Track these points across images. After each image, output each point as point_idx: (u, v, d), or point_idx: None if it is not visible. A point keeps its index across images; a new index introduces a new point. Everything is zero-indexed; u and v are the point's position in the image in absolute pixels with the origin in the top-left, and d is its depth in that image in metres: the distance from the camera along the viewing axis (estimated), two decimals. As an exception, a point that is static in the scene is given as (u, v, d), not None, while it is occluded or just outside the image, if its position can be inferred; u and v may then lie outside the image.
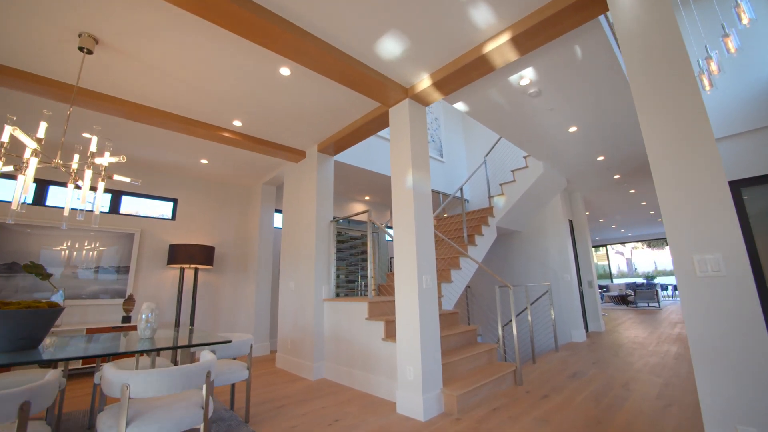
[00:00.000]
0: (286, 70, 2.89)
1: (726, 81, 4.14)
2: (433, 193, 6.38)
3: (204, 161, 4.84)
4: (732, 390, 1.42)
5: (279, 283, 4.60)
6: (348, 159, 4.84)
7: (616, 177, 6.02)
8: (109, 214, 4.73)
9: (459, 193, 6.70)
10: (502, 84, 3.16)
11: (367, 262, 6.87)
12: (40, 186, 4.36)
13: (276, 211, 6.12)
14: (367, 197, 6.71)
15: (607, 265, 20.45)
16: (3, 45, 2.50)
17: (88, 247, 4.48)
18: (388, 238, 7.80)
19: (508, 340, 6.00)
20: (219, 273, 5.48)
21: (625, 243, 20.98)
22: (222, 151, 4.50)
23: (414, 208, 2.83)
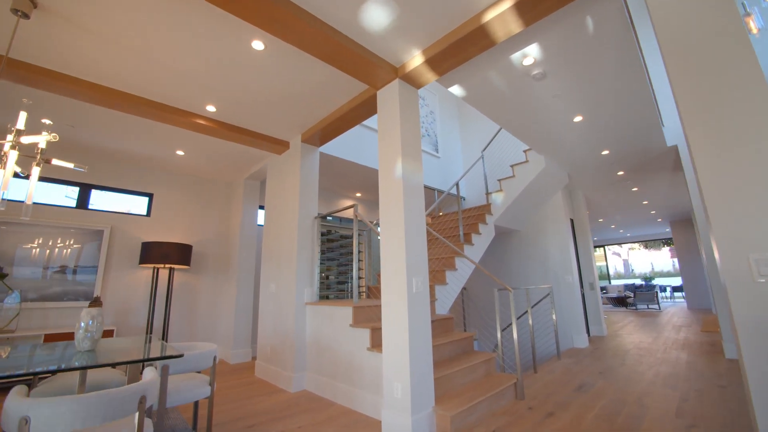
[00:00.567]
0: (259, 44, 2.54)
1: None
2: (428, 189, 6.05)
3: (180, 153, 4.47)
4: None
5: (260, 285, 4.25)
6: (338, 152, 4.49)
7: (620, 173, 5.73)
8: (76, 209, 4.34)
9: (455, 190, 6.37)
10: (503, 64, 2.83)
11: (359, 263, 6.53)
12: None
13: (260, 207, 5.75)
14: (358, 194, 6.37)
15: (605, 266, 20.24)
16: None
17: (53, 245, 4.10)
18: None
19: (506, 346, 5.68)
20: (198, 274, 5.11)
21: (622, 244, 20.81)
22: (198, 141, 4.13)
23: (403, 201, 2.49)
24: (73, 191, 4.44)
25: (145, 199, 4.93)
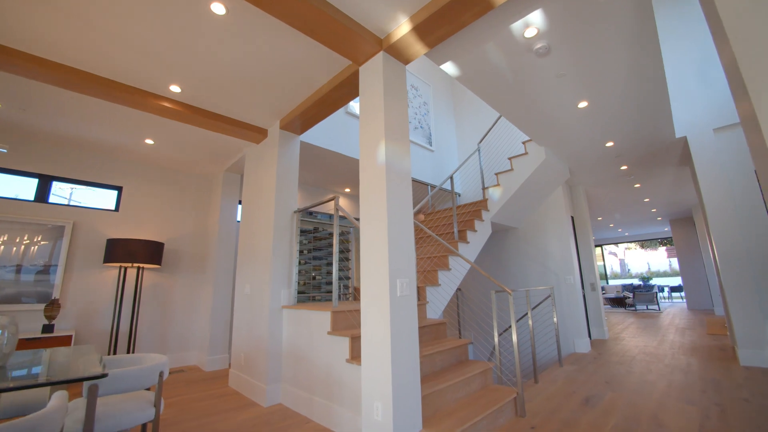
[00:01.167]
0: (219, 7, 2.18)
1: None
2: (421, 184, 5.71)
3: (149, 141, 4.09)
4: None
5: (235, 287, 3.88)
6: (325, 143, 4.13)
7: (623, 168, 5.42)
8: (34, 202, 3.95)
9: (448, 184, 6.04)
10: (502, 36, 2.49)
11: (347, 261, 6.17)
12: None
13: (240, 202, 5.38)
14: (347, 189, 6.01)
15: (602, 265, 20.06)
16: None
17: (8, 242, 3.70)
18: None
19: (504, 350, 5.36)
20: (171, 274, 4.73)
21: (618, 243, 20.60)
22: (168, 128, 3.76)
23: (387, 190, 2.14)
24: (31, 183, 4.05)
25: (114, 192, 4.54)
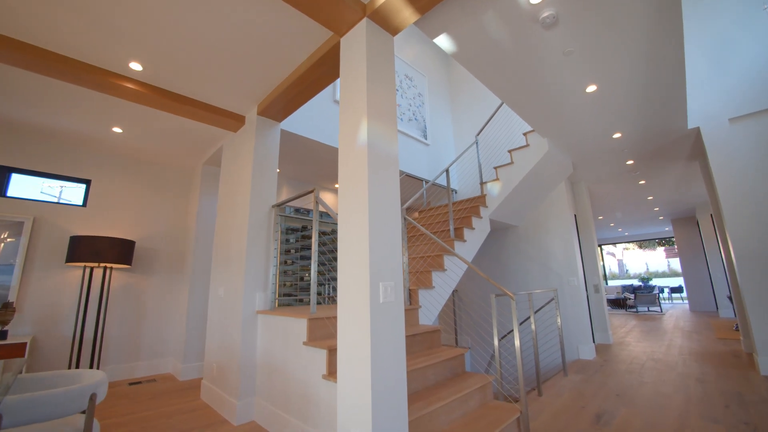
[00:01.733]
0: (171, -40, 1.84)
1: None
2: (415, 179, 5.38)
3: (117, 130, 3.74)
4: None
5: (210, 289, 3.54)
6: (311, 133, 3.80)
7: (630, 162, 5.12)
8: (-10, 197, 3.59)
9: (444, 179, 5.71)
10: (504, 1, 2.16)
11: (335, 262, 5.84)
12: None
13: (224, 199, 5.03)
14: (337, 185, 5.67)
15: (602, 266, 19.83)
16: None
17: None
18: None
19: (504, 358, 5.04)
20: (145, 275, 4.37)
21: (616, 243, 20.38)
22: (135, 115, 3.41)
23: (368, 178, 1.80)
24: None
25: (82, 186, 4.18)
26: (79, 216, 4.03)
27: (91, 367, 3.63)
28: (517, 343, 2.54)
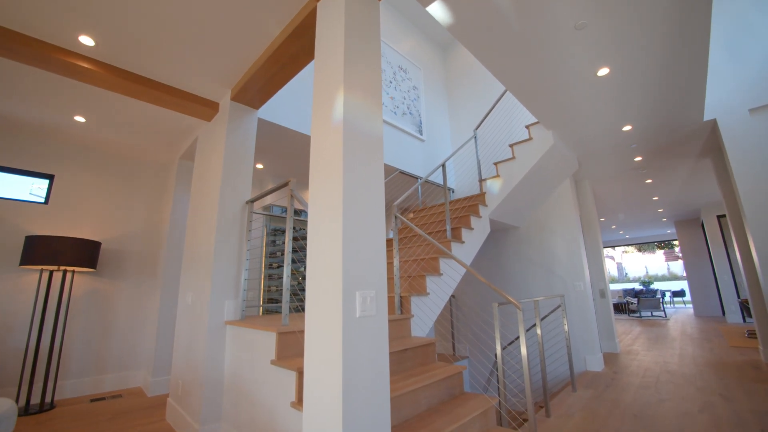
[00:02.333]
0: None
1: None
2: (410, 177, 5.04)
3: (79, 119, 3.39)
4: None
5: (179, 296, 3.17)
6: (298, 125, 3.46)
7: (638, 159, 4.80)
8: (-64, 193, 3.22)
9: (440, 175, 5.38)
10: (508, -43, 1.84)
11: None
12: None
13: (203, 197, 4.67)
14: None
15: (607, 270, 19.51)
16: None
17: None
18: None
19: (505, 369, 4.68)
20: (113, 279, 3.99)
21: (615, 246, 20.11)
22: (97, 101, 3.06)
23: (343, 161, 1.46)
24: (-67, 169, 3.31)
25: (45, 182, 3.81)
26: (40, 214, 3.66)
27: (46, 382, 3.24)
28: (525, 362, 2.19)
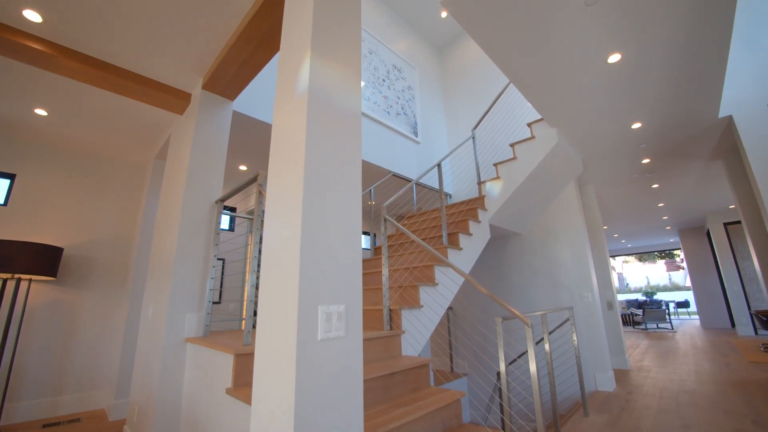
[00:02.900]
0: None
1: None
2: (403, 180, 4.74)
3: (40, 112, 3.09)
4: None
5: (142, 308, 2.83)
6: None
7: (646, 161, 4.53)
8: None
9: (436, 178, 5.09)
10: None
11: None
12: None
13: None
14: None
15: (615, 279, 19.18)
16: None
17: None
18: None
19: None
20: (77, 289, 3.64)
21: (616, 256, 19.82)
22: (57, 91, 2.77)
23: (305, 137, 1.15)
24: None
25: (5, 181, 3.49)
26: (-3, 217, 3.33)
27: (-8, 406, 2.87)
28: (535, 383, 1.86)
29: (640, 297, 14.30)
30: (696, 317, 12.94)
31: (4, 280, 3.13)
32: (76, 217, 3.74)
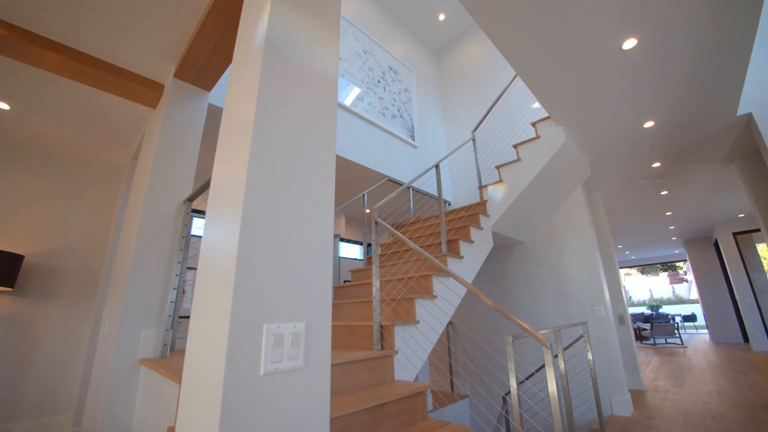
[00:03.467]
0: None
1: None
2: (400, 185, 4.46)
3: (2, 105, 2.82)
4: None
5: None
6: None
7: (656, 165, 4.28)
8: None
9: (435, 183, 4.82)
10: None
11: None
12: None
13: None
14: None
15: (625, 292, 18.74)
16: None
17: None
18: (342, 254, 5.81)
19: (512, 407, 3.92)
20: (39, 301, 3.30)
21: (619, 268, 19.16)
22: (19, 81, 2.51)
23: (258, 97, 0.87)
24: None
25: (-36, 185, 3.20)
26: (-49, 222, 3.02)
27: (-73, 437, 2.50)
28: (555, 407, 1.53)
29: (646, 310, 13.89)
30: (704, 331, 12.52)
31: (-48, 292, 2.81)
32: (42, 223, 3.43)
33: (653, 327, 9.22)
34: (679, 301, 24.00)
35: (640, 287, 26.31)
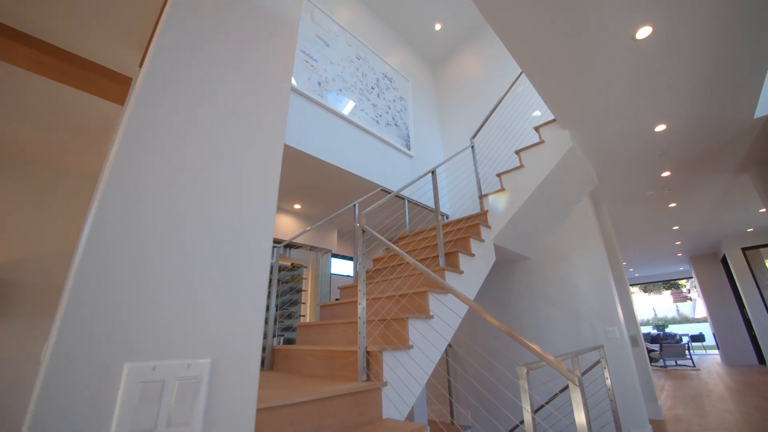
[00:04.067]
0: None
1: None
2: (395, 196, 4.20)
3: (-44, 105, 2.58)
4: None
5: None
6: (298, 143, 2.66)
7: (665, 174, 4.04)
8: None
9: (431, 194, 4.56)
10: None
11: (296, 305, 4.45)
12: None
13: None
14: (297, 205, 4.48)
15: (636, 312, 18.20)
16: None
17: None
18: (333, 270, 5.48)
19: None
20: (2, 318, 2.96)
21: (621, 287, 18.64)
22: (-39, 72, 2.27)
23: (161, 31, 0.60)
24: None
25: None
26: None
27: None
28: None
29: (652, 330, 13.41)
30: (714, 352, 12.02)
31: None
32: (4, 232, 3.13)
33: (662, 348, 8.78)
34: (684, 320, 23.42)
35: (643, 306, 25.72)
